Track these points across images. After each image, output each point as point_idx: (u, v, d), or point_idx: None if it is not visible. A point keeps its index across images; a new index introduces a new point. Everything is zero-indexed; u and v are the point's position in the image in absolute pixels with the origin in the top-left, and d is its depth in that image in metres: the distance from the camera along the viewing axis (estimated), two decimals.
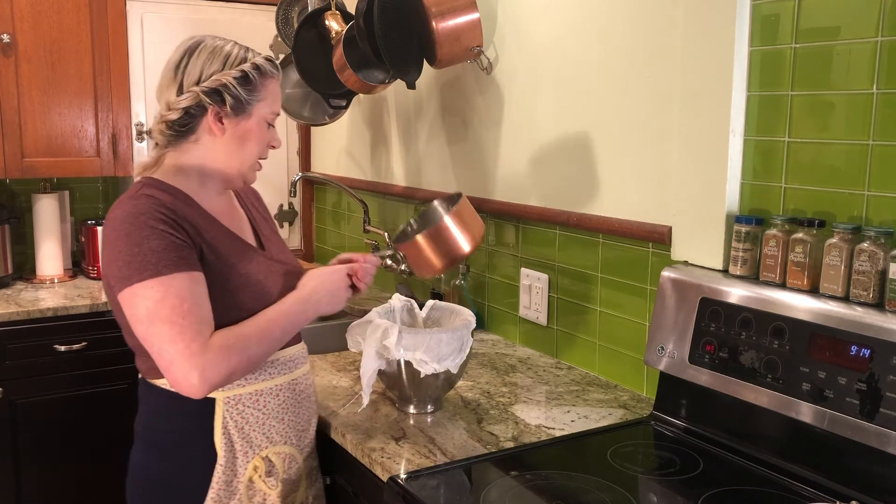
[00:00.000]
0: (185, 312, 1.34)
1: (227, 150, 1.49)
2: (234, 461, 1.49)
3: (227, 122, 1.47)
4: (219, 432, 1.47)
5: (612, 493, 1.36)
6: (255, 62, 1.47)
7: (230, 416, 1.48)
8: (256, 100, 1.48)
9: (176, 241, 1.37)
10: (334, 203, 3.35)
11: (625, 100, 1.85)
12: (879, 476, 1.28)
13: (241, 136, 1.49)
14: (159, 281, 1.34)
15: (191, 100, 1.44)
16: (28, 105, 2.82)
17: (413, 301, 1.83)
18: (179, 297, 1.34)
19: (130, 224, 1.37)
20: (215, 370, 1.34)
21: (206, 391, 1.34)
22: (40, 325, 2.61)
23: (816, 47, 1.44)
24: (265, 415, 1.51)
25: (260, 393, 1.51)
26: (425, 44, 2.20)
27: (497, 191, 2.29)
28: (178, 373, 1.33)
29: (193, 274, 1.38)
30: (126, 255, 1.35)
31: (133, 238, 1.36)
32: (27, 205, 3.06)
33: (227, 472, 1.48)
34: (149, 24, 3.03)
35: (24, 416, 2.60)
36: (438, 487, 1.39)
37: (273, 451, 1.52)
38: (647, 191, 1.81)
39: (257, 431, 1.51)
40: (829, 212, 1.45)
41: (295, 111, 2.97)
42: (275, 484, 1.52)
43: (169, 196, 1.45)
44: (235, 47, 1.49)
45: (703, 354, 1.55)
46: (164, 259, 1.35)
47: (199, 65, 1.45)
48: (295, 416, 1.57)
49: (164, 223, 1.38)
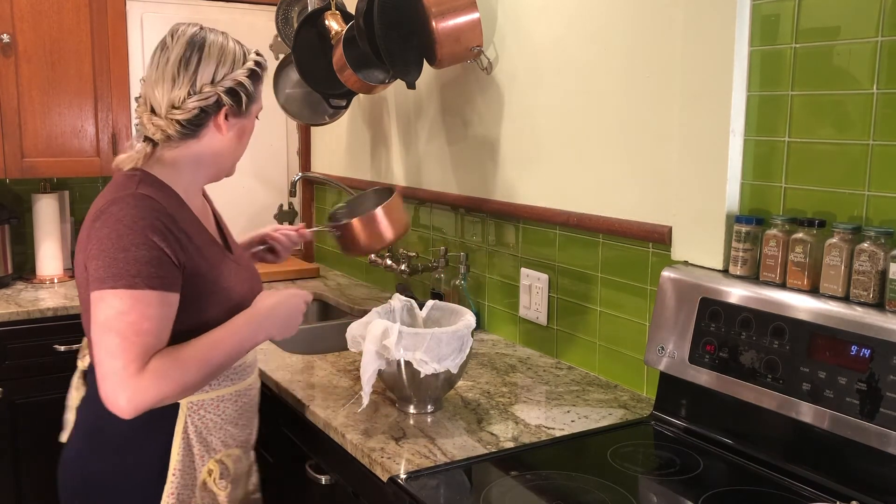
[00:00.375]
0: (141, 331, 1.32)
1: (228, 146, 1.52)
2: (193, 464, 1.49)
3: (232, 120, 1.50)
4: (178, 436, 1.47)
5: (612, 493, 1.36)
6: (255, 59, 1.51)
7: (191, 420, 1.48)
8: (257, 97, 1.53)
9: (163, 256, 1.35)
10: (334, 203, 3.35)
11: (625, 100, 1.85)
12: (879, 476, 1.28)
13: (240, 131, 1.53)
14: (131, 294, 1.32)
15: (209, 99, 1.44)
16: (28, 105, 2.82)
17: (413, 301, 1.83)
18: (143, 315, 1.32)
19: (126, 227, 1.35)
20: (144, 396, 1.31)
21: (131, 414, 1.31)
22: (40, 325, 2.61)
23: (816, 47, 1.44)
24: (224, 420, 1.53)
25: (221, 398, 1.53)
26: (425, 44, 2.20)
27: (497, 191, 2.29)
28: (109, 389, 1.31)
29: (167, 296, 1.36)
30: (110, 256, 1.33)
31: (123, 242, 1.34)
32: (27, 205, 3.06)
33: (184, 476, 1.48)
34: (149, 24, 3.03)
35: (24, 416, 2.60)
36: (438, 487, 1.39)
37: (226, 454, 1.54)
38: (647, 191, 1.81)
39: (215, 436, 1.52)
40: (829, 212, 1.45)
41: (295, 111, 2.97)
42: (225, 486, 1.52)
43: (164, 196, 1.43)
44: (235, 44, 1.51)
45: (703, 354, 1.55)
46: (143, 273, 1.33)
47: (212, 63, 1.45)
48: (247, 420, 1.61)
49: (159, 234, 1.36)
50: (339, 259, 3.30)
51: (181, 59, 1.44)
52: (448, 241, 2.55)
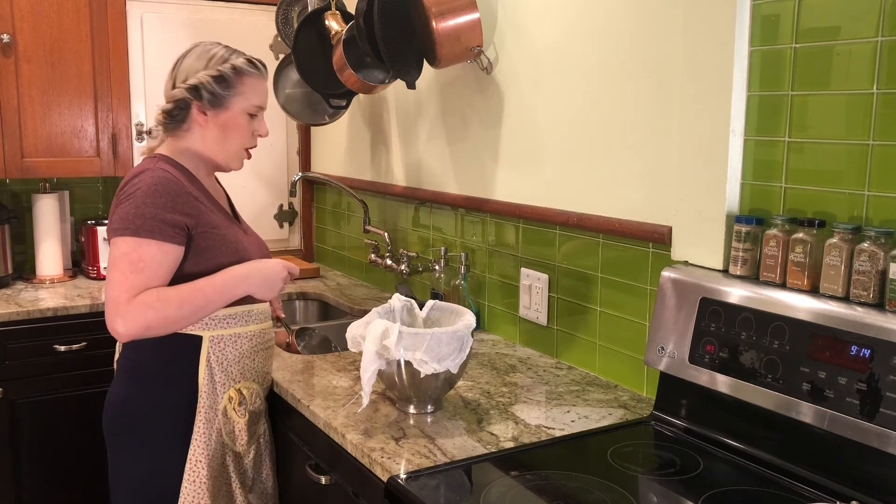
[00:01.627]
0: (137, 269, 1.61)
1: (213, 138, 1.78)
2: (215, 391, 1.74)
3: (210, 114, 1.76)
4: (203, 365, 1.73)
5: (612, 493, 1.36)
6: (233, 63, 1.75)
7: (213, 352, 1.73)
8: (232, 95, 1.75)
9: (166, 215, 1.64)
10: (334, 203, 3.36)
11: (625, 100, 1.85)
12: (879, 476, 1.28)
13: (222, 125, 1.77)
14: (134, 240, 1.62)
15: (179, 94, 1.74)
16: (28, 105, 2.82)
17: (413, 301, 1.83)
18: (140, 258, 1.61)
19: (142, 192, 1.65)
20: (132, 322, 1.59)
21: (126, 337, 1.62)
22: (40, 325, 2.61)
23: (816, 47, 1.44)
24: (240, 353, 1.78)
25: (238, 336, 1.77)
26: (425, 44, 2.20)
27: (497, 191, 2.29)
28: (109, 315, 1.61)
29: (165, 245, 1.64)
30: (124, 211, 1.65)
31: (135, 201, 1.64)
32: (27, 205, 3.06)
33: (210, 399, 1.73)
34: (149, 24, 3.03)
35: (24, 416, 2.60)
36: (438, 487, 1.39)
37: (244, 384, 1.79)
38: (647, 191, 1.81)
39: (234, 367, 1.77)
40: (829, 212, 1.45)
41: (295, 111, 2.97)
42: (243, 413, 1.77)
43: (180, 172, 1.74)
44: (221, 50, 1.77)
45: (703, 354, 1.55)
46: (147, 225, 1.62)
47: (187, 64, 1.76)
48: (262, 359, 1.85)
49: (167, 197, 1.65)
50: (339, 259, 3.30)
51: (175, 61, 1.80)
52: (448, 241, 2.55)
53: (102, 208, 3.30)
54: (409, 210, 2.78)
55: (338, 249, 3.33)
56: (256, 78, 1.79)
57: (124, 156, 3.00)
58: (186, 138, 1.78)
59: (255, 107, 1.79)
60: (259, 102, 1.80)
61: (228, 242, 1.75)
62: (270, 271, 1.78)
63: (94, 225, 3.03)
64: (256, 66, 1.79)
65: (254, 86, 1.78)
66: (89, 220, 3.10)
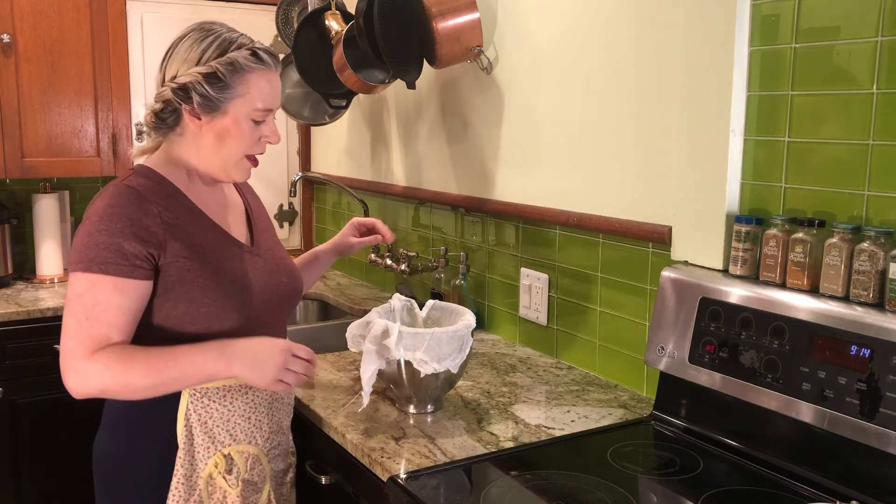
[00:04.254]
0: (92, 315, 1.36)
1: (208, 147, 1.46)
2: (194, 454, 1.46)
3: (204, 119, 1.43)
4: (181, 422, 1.45)
5: (612, 493, 1.36)
6: (230, 57, 1.41)
7: (194, 408, 1.45)
8: (231, 97, 1.42)
9: (123, 244, 1.36)
10: (334, 203, 3.36)
11: (625, 100, 1.85)
12: (879, 476, 1.28)
13: (218, 133, 1.44)
14: (87, 276, 1.36)
15: (166, 94, 1.43)
16: (28, 105, 2.82)
17: (413, 301, 1.83)
18: (95, 299, 1.36)
19: (98, 215, 1.39)
20: (87, 382, 1.36)
21: (78, 396, 1.38)
22: (40, 325, 2.61)
23: (816, 47, 1.44)
24: (230, 412, 1.48)
25: (228, 389, 1.48)
26: (425, 44, 2.20)
27: (497, 191, 2.29)
28: (63, 368, 1.37)
29: (121, 281, 1.36)
30: (80, 241, 1.39)
31: (91, 228, 1.38)
32: (27, 205, 3.06)
33: (185, 466, 1.45)
34: (149, 24, 3.03)
35: (24, 416, 2.60)
36: (438, 487, 1.39)
37: (236, 449, 1.49)
38: (647, 191, 1.81)
39: (221, 428, 1.47)
40: (829, 212, 1.45)
41: (295, 111, 2.97)
42: (235, 483, 1.48)
43: (156, 186, 1.44)
44: (219, 38, 1.43)
45: (703, 354, 1.55)
46: (100, 258, 1.36)
47: (178, 59, 1.44)
48: (265, 416, 1.53)
49: (123, 223, 1.37)
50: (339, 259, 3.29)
51: (165, 52, 1.48)
52: (448, 241, 2.55)
53: None
54: (409, 210, 2.78)
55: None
56: (261, 74, 1.44)
57: (124, 156, 3.00)
58: (180, 145, 1.48)
59: (260, 111, 1.44)
60: (265, 105, 1.45)
61: (212, 273, 1.43)
62: (267, 358, 1.41)
63: None
64: (261, 59, 1.44)
65: (257, 84, 1.43)
66: None
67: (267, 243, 1.62)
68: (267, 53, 1.46)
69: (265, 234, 1.64)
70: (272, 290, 1.54)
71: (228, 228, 1.54)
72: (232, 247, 1.51)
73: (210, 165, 1.48)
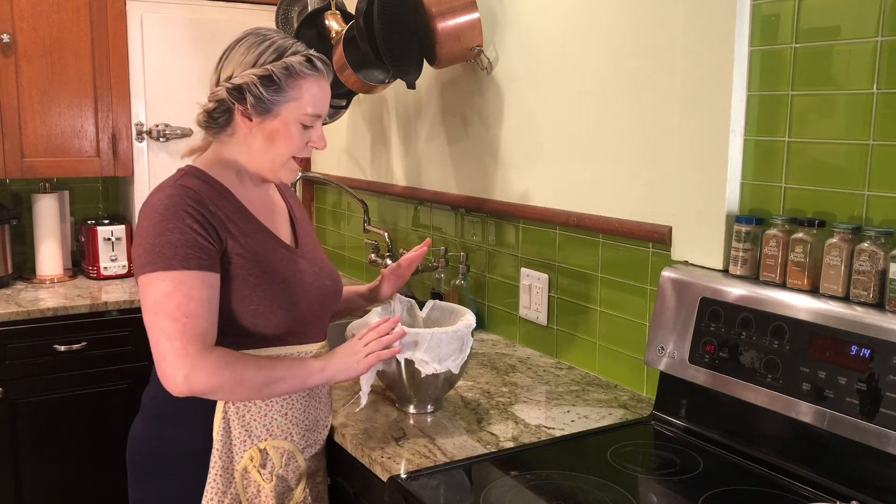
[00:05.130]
0: (190, 312, 1.36)
1: (258, 148, 1.49)
2: (231, 448, 1.49)
3: (255, 121, 1.46)
4: (218, 416, 1.47)
5: (612, 493, 1.36)
6: (286, 62, 1.44)
7: (232, 403, 1.48)
8: (283, 101, 1.45)
9: (198, 238, 1.39)
10: (334, 203, 3.35)
11: (625, 100, 1.85)
12: (879, 476, 1.28)
13: (268, 135, 1.47)
14: (170, 275, 1.36)
15: (221, 94, 1.46)
16: (28, 105, 2.82)
17: (413, 301, 1.83)
18: (187, 296, 1.36)
19: (160, 213, 1.40)
20: (203, 378, 1.36)
21: (186, 393, 1.37)
22: (40, 325, 2.61)
23: (816, 47, 1.44)
24: (268, 406, 1.50)
25: None
26: (425, 44, 2.20)
27: (497, 191, 2.29)
28: (168, 369, 1.36)
29: (206, 275, 1.39)
30: (148, 242, 1.38)
31: (158, 227, 1.38)
32: (27, 205, 3.06)
33: (223, 458, 1.48)
34: (149, 24, 3.03)
35: (24, 416, 2.60)
36: (438, 487, 1.39)
37: (272, 444, 1.51)
38: (647, 191, 1.81)
39: (258, 422, 1.49)
40: (829, 212, 1.44)
41: None
42: (269, 477, 1.50)
43: (207, 187, 1.47)
44: (275, 44, 1.46)
45: (703, 354, 1.55)
46: (179, 254, 1.37)
47: (234, 61, 1.46)
48: (301, 413, 1.54)
49: (192, 218, 1.40)
50: (340, 259, 3.29)
51: (223, 52, 1.51)
52: (448, 241, 2.55)
53: (102, 208, 3.30)
54: (409, 210, 2.78)
55: (338, 249, 3.33)
56: (314, 80, 1.47)
57: (124, 156, 3.00)
58: (231, 145, 1.51)
59: (309, 116, 1.47)
60: (316, 110, 1.48)
61: (262, 273, 1.47)
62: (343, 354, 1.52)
63: (94, 225, 3.03)
64: (315, 66, 1.47)
65: (310, 90, 1.46)
66: (89, 220, 3.10)
67: (309, 245, 1.64)
68: (321, 61, 1.49)
69: (307, 236, 1.67)
70: (316, 292, 1.57)
71: (276, 230, 1.56)
72: (280, 248, 1.53)
73: (259, 165, 1.51)
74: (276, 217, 1.59)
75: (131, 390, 2.67)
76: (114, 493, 1.87)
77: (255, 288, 1.45)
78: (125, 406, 2.63)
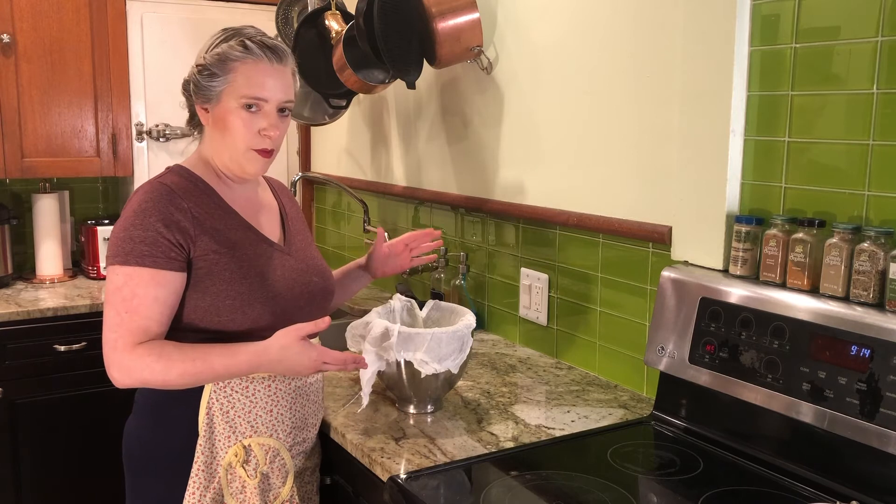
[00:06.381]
0: (131, 308, 1.42)
1: (217, 139, 1.52)
2: (214, 443, 1.50)
3: (208, 110, 1.52)
4: (203, 411, 1.49)
5: (612, 493, 1.36)
6: (219, 49, 1.49)
7: (216, 397, 1.49)
8: (220, 85, 1.48)
9: (159, 237, 1.43)
10: (334, 203, 3.35)
11: (625, 100, 1.85)
12: (879, 476, 1.28)
13: (218, 122, 1.51)
14: (125, 270, 1.42)
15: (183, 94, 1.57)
16: (28, 105, 2.82)
17: (413, 301, 1.83)
18: (133, 292, 1.42)
19: (132, 209, 1.46)
20: (128, 374, 1.42)
21: (122, 385, 1.45)
22: (40, 325, 2.61)
23: (816, 47, 1.44)
24: (252, 403, 1.50)
25: (251, 380, 1.50)
26: (425, 44, 2.20)
27: (497, 191, 2.29)
28: (106, 359, 1.44)
29: (159, 273, 1.42)
30: (116, 236, 1.46)
31: (127, 222, 1.45)
32: (27, 205, 3.06)
33: (205, 454, 1.49)
34: (149, 24, 3.03)
35: (24, 416, 2.60)
36: (438, 487, 1.39)
37: (256, 441, 1.51)
38: (647, 191, 1.81)
39: (242, 419, 1.50)
40: (829, 212, 1.44)
41: (295, 111, 2.97)
42: (253, 474, 1.50)
43: (188, 183, 1.51)
44: (219, 38, 1.52)
45: (703, 354, 1.55)
46: (136, 250, 1.42)
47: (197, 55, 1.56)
48: (287, 411, 1.54)
49: (158, 216, 1.44)
50: (340, 259, 3.29)
51: None
52: (448, 241, 2.55)
53: (102, 208, 3.30)
54: (409, 210, 2.78)
55: (338, 249, 3.33)
56: (251, 63, 1.47)
57: (124, 156, 3.00)
58: (206, 143, 1.57)
59: (248, 97, 1.46)
60: (252, 91, 1.46)
61: (238, 268, 1.48)
62: (298, 366, 1.45)
63: (94, 225, 3.03)
64: (248, 49, 1.47)
65: (245, 73, 1.46)
66: (89, 220, 3.10)
67: (300, 244, 1.66)
68: (259, 45, 1.49)
69: (299, 235, 1.68)
70: (301, 289, 1.57)
71: (260, 227, 1.58)
72: (261, 243, 1.55)
73: (222, 157, 1.53)
74: (262, 214, 1.61)
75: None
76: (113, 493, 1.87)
77: (230, 283, 1.47)
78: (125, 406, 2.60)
